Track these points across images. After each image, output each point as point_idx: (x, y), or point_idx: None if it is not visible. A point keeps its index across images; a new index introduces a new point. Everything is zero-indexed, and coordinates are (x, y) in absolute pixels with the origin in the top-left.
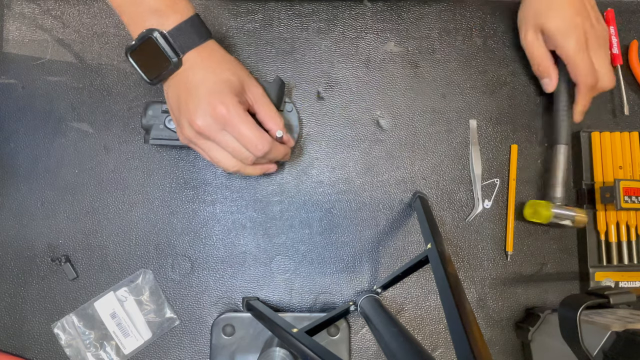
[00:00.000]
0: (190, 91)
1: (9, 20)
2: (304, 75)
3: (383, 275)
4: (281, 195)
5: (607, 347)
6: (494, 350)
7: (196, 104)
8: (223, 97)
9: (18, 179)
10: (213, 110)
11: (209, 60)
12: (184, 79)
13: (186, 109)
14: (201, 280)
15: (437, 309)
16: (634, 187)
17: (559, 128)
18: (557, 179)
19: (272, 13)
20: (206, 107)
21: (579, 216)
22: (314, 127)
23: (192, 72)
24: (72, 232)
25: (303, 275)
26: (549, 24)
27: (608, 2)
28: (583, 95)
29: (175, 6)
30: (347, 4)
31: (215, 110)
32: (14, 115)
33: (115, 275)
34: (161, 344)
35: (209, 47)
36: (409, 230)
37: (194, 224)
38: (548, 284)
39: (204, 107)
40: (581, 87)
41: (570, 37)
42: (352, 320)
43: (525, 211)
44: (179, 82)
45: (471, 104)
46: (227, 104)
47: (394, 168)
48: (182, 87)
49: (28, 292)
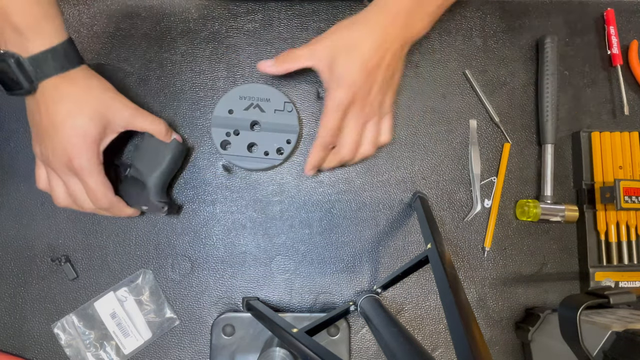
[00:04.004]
0: (48, 129)
1: None
2: (304, 75)
3: (383, 275)
4: (281, 195)
5: (607, 347)
6: (494, 350)
7: (53, 146)
8: (79, 150)
9: (18, 179)
10: (68, 161)
11: (67, 95)
12: (44, 107)
13: (42, 142)
14: (201, 280)
15: (437, 309)
16: (634, 187)
17: (543, 128)
18: (545, 177)
19: (272, 13)
20: (62, 154)
21: (569, 211)
22: (314, 127)
23: (49, 105)
24: (72, 232)
25: (303, 275)
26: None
27: (608, 2)
28: (317, 150)
29: (40, 28)
30: (347, 4)
31: (70, 162)
32: (14, 115)
33: (115, 275)
34: (161, 344)
35: (72, 77)
36: (409, 230)
37: (194, 224)
38: (548, 284)
39: (60, 154)
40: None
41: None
42: (352, 320)
43: (517, 211)
44: (36, 108)
45: (471, 104)
46: (81, 158)
47: (394, 168)
48: (41, 114)
49: (28, 292)
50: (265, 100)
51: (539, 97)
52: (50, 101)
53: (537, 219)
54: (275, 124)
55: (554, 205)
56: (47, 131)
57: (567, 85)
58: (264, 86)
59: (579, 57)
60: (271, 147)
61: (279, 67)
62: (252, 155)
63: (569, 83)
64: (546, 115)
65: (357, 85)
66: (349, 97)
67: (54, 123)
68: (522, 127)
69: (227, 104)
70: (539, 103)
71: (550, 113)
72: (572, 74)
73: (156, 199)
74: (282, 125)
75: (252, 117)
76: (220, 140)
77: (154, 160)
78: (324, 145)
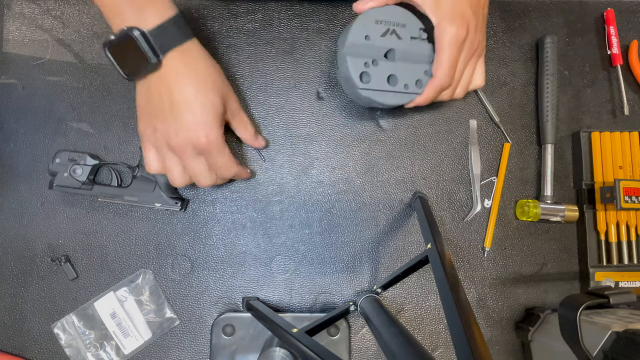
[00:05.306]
0: (173, 107)
1: (9, 20)
2: (304, 75)
3: (383, 275)
4: (281, 195)
5: (607, 347)
6: (494, 350)
7: (178, 126)
8: (208, 129)
9: (18, 179)
10: (196, 140)
11: (193, 69)
12: (166, 86)
13: (163, 121)
14: (201, 280)
15: (437, 309)
16: (634, 187)
17: (543, 128)
18: (545, 177)
19: (272, 13)
20: (187, 133)
21: (569, 211)
22: (314, 127)
23: (175, 81)
24: (72, 232)
25: (303, 275)
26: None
27: (608, 2)
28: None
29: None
30: (346, 4)
31: (198, 141)
32: (14, 115)
33: (115, 275)
34: (161, 344)
35: (191, 50)
36: (409, 230)
37: (194, 224)
38: (548, 284)
39: (185, 133)
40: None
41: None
42: (352, 320)
43: (517, 211)
44: (159, 86)
45: (471, 104)
46: (210, 136)
47: (394, 168)
48: (162, 93)
49: (28, 292)
50: (401, 26)
51: (539, 97)
52: (175, 76)
53: (537, 219)
54: (411, 53)
55: (554, 205)
56: (173, 110)
57: (567, 85)
58: (399, 9)
59: (579, 57)
60: (410, 79)
61: None
62: (392, 88)
63: (569, 83)
64: (546, 115)
65: (467, 18)
66: (462, 31)
67: (180, 103)
68: (522, 127)
69: (363, 29)
70: (539, 103)
71: (550, 113)
72: (572, 74)
73: (168, 195)
74: (419, 55)
75: (388, 44)
76: (360, 71)
77: None
78: (441, 87)
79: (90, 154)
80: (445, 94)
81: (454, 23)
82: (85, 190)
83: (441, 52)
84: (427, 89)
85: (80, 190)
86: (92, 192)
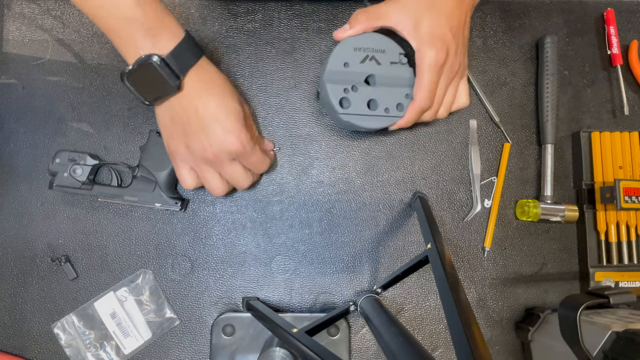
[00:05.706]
0: (201, 122)
1: (9, 20)
2: (304, 75)
3: (383, 275)
4: (281, 195)
5: (607, 347)
6: (494, 350)
7: (211, 138)
8: (237, 133)
9: (18, 179)
10: (231, 146)
11: (210, 83)
12: (190, 104)
13: (195, 138)
14: (201, 280)
15: (437, 309)
16: (634, 187)
17: (543, 128)
18: (545, 177)
19: (272, 13)
20: (222, 143)
21: (569, 211)
22: (314, 127)
23: (198, 98)
24: (72, 232)
25: (303, 275)
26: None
27: (608, 2)
28: (413, 114)
29: (166, 24)
30: (347, 4)
31: (232, 147)
32: (14, 115)
33: (115, 275)
34: (161, 344)
35: (204, 65)
36: (409, 230)
37: (194, 224)
38: (548, 284)
39: (219, 144)
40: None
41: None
42: (352, 320)
43: (517, 211)
44: (183, 105)
45: (471, 104)
46: (241, 140)
47: (394, 168)
48: (188, 112)
49: (28, 292)
50: (380, 51)
51: (539, 97)
52: (196, 93)
53: (537, 219)
54: (391, 77)
55: (554, 205)
56: (201, 125)
57: (567, 85)
58: (378, 36)
59: (579, 57)
60: (391, 103)
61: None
62: (373, 113)
63: (569, 83)
64: (546, 115)
65: (447, 42)
66: (442, 54)
67: (208, 115)
68: (522, 127)
69: (341, 57)
70: (539, 103)
71: (550, 113)
72: (572, 74)
73: (168, 195)
74: (399, 79)
75: (368, 70)
76: (339, 97)
77: (161, 158)
78: (422, 110)
79: (90, 154)
80: (427, 115)
81: (433, 47)
82: (85, 190)
83: (421, 75)
84: (408, 111)
85: (80, 190)
86: (92, 192)
